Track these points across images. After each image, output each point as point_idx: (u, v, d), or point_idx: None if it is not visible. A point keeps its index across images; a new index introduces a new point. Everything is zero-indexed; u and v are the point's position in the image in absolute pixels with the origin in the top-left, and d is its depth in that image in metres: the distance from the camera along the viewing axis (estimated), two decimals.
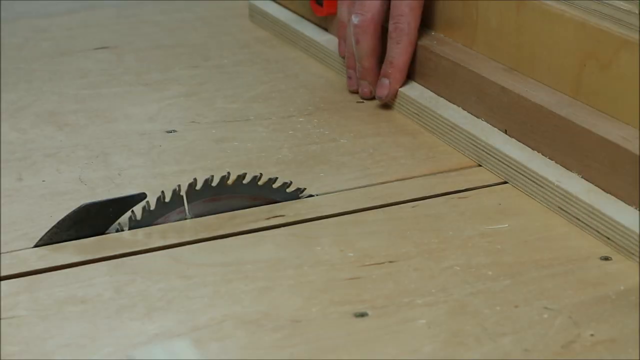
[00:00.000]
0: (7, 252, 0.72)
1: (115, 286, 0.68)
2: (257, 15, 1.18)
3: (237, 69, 1.06)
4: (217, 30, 1.18)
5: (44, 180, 0.82)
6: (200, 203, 0.76)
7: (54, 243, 0.73)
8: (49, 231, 0.73)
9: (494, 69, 0.86)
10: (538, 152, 0.79)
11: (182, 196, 0.75)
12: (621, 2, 0.79)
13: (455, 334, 0.62)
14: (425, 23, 0.95)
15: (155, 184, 0.81)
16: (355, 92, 0.98)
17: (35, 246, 0.73)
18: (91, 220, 0.74)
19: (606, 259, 0.70)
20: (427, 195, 0.79)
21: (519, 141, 0.82)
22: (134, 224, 0.75)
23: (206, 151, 0.87)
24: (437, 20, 0.95)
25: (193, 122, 0.93)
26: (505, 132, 0.83)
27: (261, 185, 0.77)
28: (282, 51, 1.11)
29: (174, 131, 0.91)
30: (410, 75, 0.94)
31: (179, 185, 0.75)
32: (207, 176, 0.76)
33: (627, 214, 0.71)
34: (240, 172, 0.77)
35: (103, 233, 0.74)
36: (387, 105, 0.95)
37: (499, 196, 0.79)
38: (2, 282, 0.69)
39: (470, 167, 0.84)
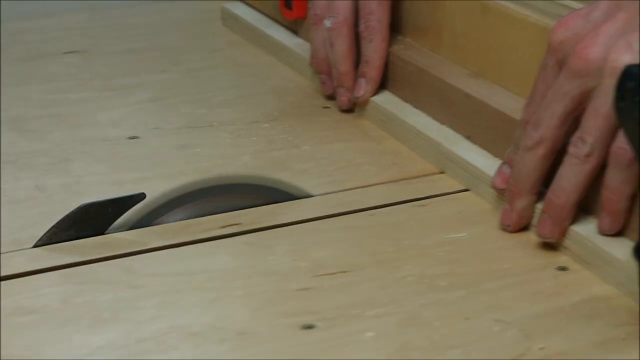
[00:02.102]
0: None
1: (63, 297, 0.67)
2: (229, 19, 1.17)
3: (206, 73, 1.04)
4: (189, 34, 1.17)
5: (0, 187, 0.81)
6: (201, 203, 0.76)
7: (53, 243, 0.72)
8: (48, 231, 0.73)
9: (459, 74, 0.85)
10: (501, 159, 0.78)
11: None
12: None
13: (403, 347, 0.61)
14: (393, 28, 0.94)
15: (113, 192, 0.80)
16: (332, 96, 0.96)
17: (35, 246, 0.72)
18: (90, 220, 0.73)
19: (563, 269, 0.69)
20: (387, 203, 0.78)
21: (483, 148, 0.80)
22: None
23: (167, 158, 0.86)
24: (404, 24, 0.94)
25: (156, 128, 0.92)
26: (469, 138, 0.82)
27: (261, 186, 0.77)
28: (253, 55, 1.09)
29: (137, 137, 0.90)
30: None
31: None
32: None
33: (583, 223, 0.70)
34: (199, 179, 0.76)
35: (103, 233, 0.74)
36: (353, 111, 0.94)
37: (460, 204, 0.78)
38: None
39: (433, 174, 0.82)
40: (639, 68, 0.58)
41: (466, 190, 0.80)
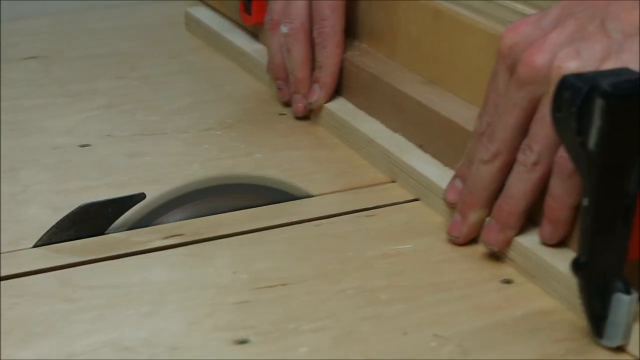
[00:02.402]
0: None
1: None
2: (192, 23, 1.15)
3: (164, 79, 1.03)
4: (152, 39, 1.15)
5: None
6: (201, 203, 0.75)
7: (53, 243, 0.72)
8: (48, 231, 0.72)
9: (412, 81, 0.83)
10: (451, 169, 0.76)
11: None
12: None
13: None
14: (350, 33, 0.93)
15: (58, 201, 0.78)
16: (289, 102, 0.94)
17: (35, 246, 0.72)
18: (90, 220, 0.73)
19: (508, 282, 0.67)
20: (334, 213, 0.76)
21: (434, 157, 0.79)
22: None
23: (116, 166, 0.84)
24: (360, 30, 0.92)
25: (109, 135, 0.90)
26: (421, 147, 0.80)
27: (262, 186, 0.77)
28: (213, 61, 1.07)
29: (88, 145, 0.88)
30: None
31: None
32: None
33: (530, 235, 0.68)
34: (147, 189, 0.75)
35: (103, 233, 0.73)
36: (308, 118, 0.92)
37: (408, 214, 0.76)
38: None
39: (384, 183, 0.81)
40: (576, 78, 0.57)
41: (416, 200, 0.78)
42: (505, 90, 0.67)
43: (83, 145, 0.88)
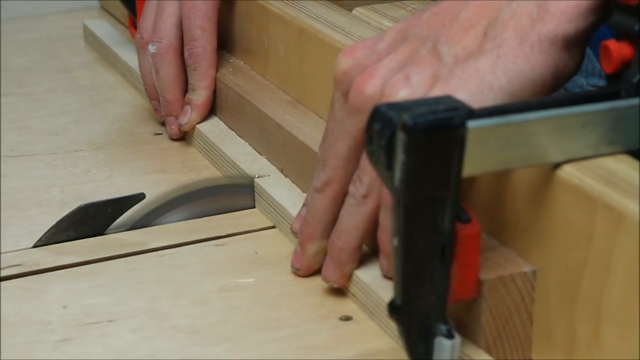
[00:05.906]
0: None
1: None
2: (89, 37, 1.11)
3: (48, 96, 0.99)
4: (47, 53, 1.10)
5: None
6: (201, 203, 0.75)
7: (52, 243, 0.72)
8: (47, 231, 0.72)
9: (278, 101, 0.80)
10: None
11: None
12: None
13: None
14: (226, 48, 0.89)
15: None
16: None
17: (34, 246, 0.71)
18: (90, 220, 0.72)
19: (347, 319, 0.64)
20: (181, 242, 0.72)
21: (293, 182, 0.75)
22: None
23: None
24: (236, 46, 0.89)
25: None
26: (282, 171, 0.77)
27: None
28: (102, 77, 1.03)
29: None
30: None
31: None
32: None
33: (372, 269, 0.64)
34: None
35: (102, 233, 0.73)
36: (182, 139, 0.89)
37: (260, 243, 0.72)
38: None
39: (245, 208, 0.77)
40: (389, 108, 0.53)
41: (273, 227, 0.74)
42: (340, 117, 0.64)
43: None
